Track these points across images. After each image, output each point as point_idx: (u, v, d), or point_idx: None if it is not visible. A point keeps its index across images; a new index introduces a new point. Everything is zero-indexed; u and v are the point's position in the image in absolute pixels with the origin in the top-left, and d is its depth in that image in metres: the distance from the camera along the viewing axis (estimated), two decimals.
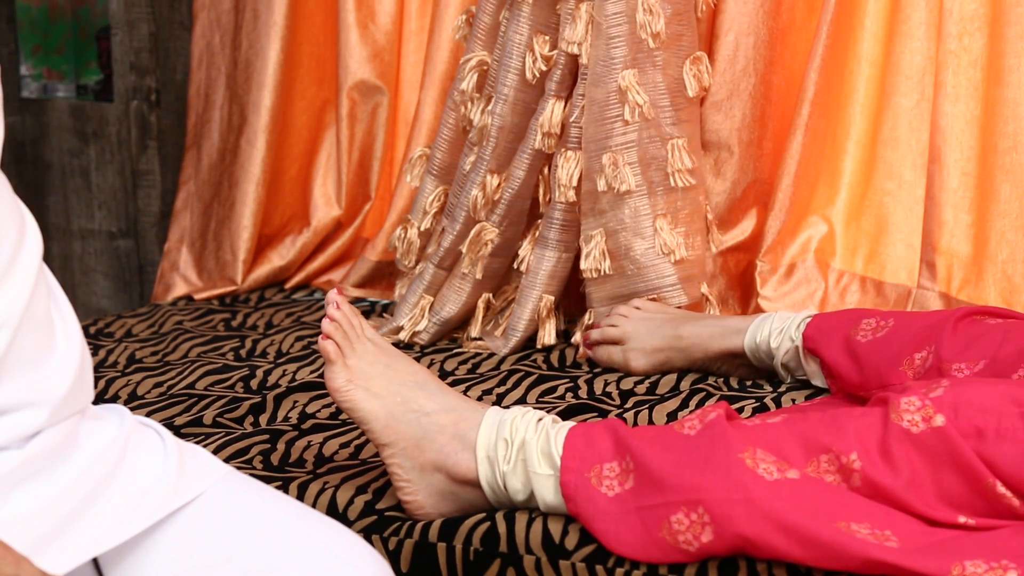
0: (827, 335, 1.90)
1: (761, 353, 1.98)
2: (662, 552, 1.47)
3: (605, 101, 2.12)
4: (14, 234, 1.19)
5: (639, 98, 2.10)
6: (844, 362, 1.86)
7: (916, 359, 1.79)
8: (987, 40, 2.17)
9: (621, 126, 2.12)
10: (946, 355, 1.75)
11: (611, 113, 2.12)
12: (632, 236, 2.14)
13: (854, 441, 1.47)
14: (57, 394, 1.21)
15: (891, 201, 2.26)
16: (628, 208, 2.14)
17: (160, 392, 2.05)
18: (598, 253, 2.14)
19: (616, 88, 2.11)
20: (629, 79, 2.10)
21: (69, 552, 1.20)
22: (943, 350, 1.75)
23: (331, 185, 2.64)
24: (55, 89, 2.85)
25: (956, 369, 1.73)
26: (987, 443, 1.44)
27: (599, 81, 2.11)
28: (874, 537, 1.41)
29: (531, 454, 1.54)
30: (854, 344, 1.85)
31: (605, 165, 2.12)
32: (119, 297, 2.86)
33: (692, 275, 2.17)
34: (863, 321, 1.88)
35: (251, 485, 1.33)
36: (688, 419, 1.53)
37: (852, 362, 1.85)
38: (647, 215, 2.14)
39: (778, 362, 1.96)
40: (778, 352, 1.96)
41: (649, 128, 2.13)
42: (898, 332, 1.83)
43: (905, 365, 1.79)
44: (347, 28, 2.54)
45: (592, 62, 2.11)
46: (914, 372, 1.78)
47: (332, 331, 1.59)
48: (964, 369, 1.73)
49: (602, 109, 2.12)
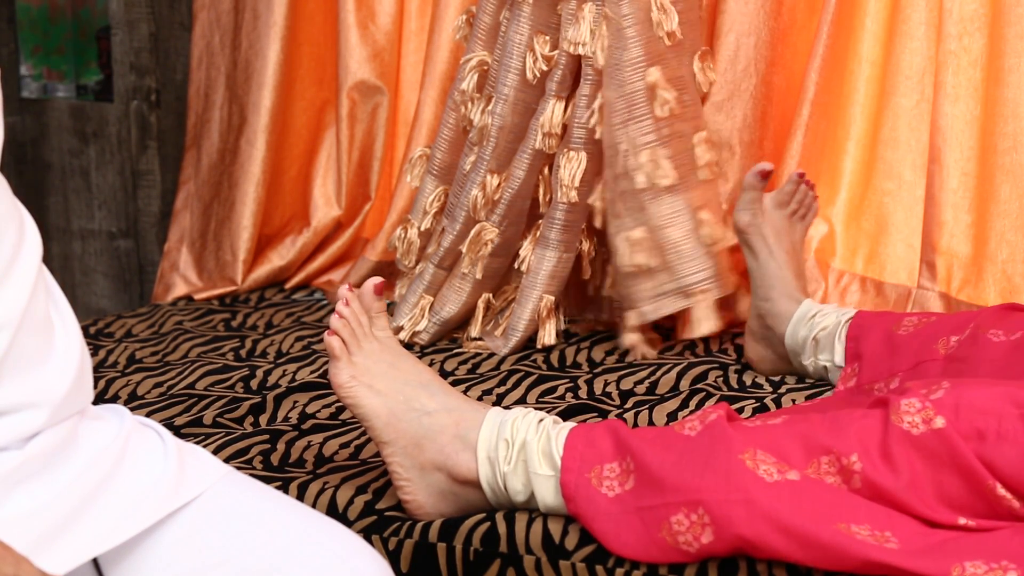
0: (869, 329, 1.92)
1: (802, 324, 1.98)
2: (662, 552, 1.47)
3: (631, 100, 2.12)
4: (13, 236, 1.19)
5: (668, 94, 2.11)
6: (879, 350, 1.88)
7: (952, 340, 1.80)
8: (987, 40, 2.17)
9: (652, 123, 2.12)
10: (984, 324, 1.77)
11: (639, 112, 2.12)
12: (675, 231, 2.15)
13: (855, 442, 1.47)
14: (57, 395, 1.21)
15: (891, 201, 2.26)
16: (665, 204, 2.15)
17: (160, 392, 2.05)
18: (642, 249, 2.15)
19: (643, 86, 2.12)
20: (656, 76, 2.11)
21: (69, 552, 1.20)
22: (982, 322, 1.78)
23: (331, 185, 2.64)
24: (55, 89, 2.85)
25: (992, 334, 1.75)
26: (987, 445, 1.44)
27: (623, 82, 2.11)
28: (874, 538, 1.41)
29: (532, 455, 1.54)
30: (893, 337, 1.87)
31: (644, 163, 2.12)
32: (119, 297, 2.86)
33: (726, 266, 2.19)
34: (905, 319, 1.91)
35: (251, 485, 1.33)
36: (688, 420, 1.53)
37: (887, 350, 1.87)
38: (684, 209, 2.15)
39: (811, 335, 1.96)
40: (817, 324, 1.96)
41: (677, 123, 2.15)
42: (941, 322, 1.86)
43: (940, 344, 1.81)
44: (347, 28, 2.54)
45: (610, 64, 2.11)
46: (947, 350, 1.80)
47: (339, 327, 1.59)
48: (1000, 335, 1.74)
49: (629, 109, 2.12)
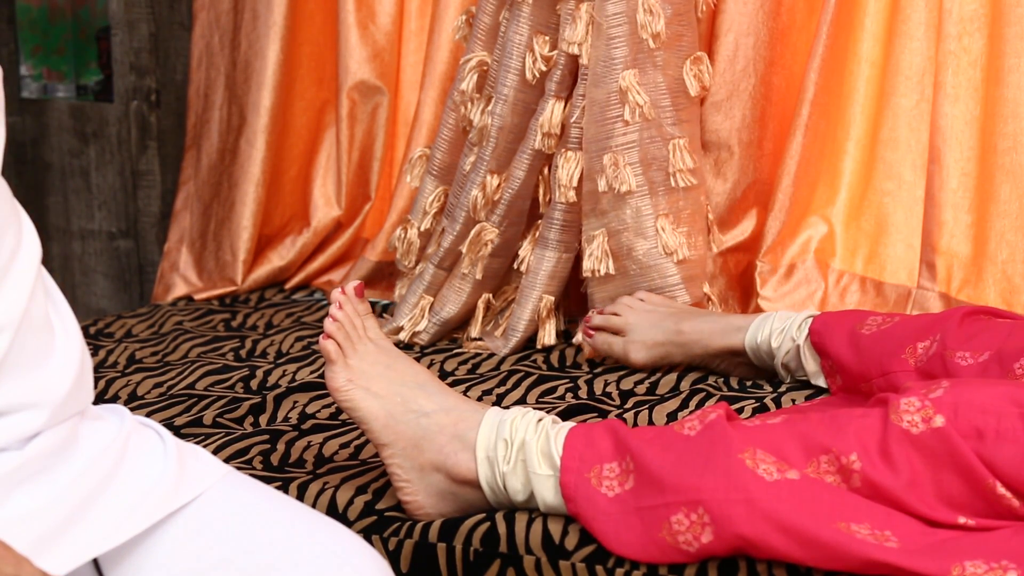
0: (832, 329, 1.90)
1: (762, 352, 1.98)
2: (662, 552, 1.47)
3: (606, 101, 2.12)
4: (12, 238, 1.20)
5: (639, 98, 2.10)
6: (846, 354, 1.86)
7: (919, 348, 1.79)
8: (987, 40, 2.17)
9: (622, 126, 2.12)
10: (951, 343, 1.75)
11: (612, 113, 2.12)
12: (634, 236, 2.14)
13: (854, 442, 1.47)
14: (57, 396, 1.21)
15: (891, 201, 2.26)
16: (630, 208, 2.14)
17: (160, 392, 2.05)
18: (600, 253, 2.14)
19: (617, 88, 2.11)
20: (630, 79, 2.10)
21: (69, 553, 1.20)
22: (948, 339, 1.76)
23: (331, 185, 2.64)
24: (55, 89, 2.85)
25: (960, 357, 1.73)
26: (987, 444, 1.44)
27: (599, 81, 2.11)
28: (874, 538, 1.41)
29: (531, 454, 1.54)
30: (858, 336, 1.86)
31: (606, 165, 2.12)
32: (119, 297, 2.86)
33: (694, 275, 2.17)
34: (868, 318, 1.88)
35: (251, 485, 1.33)
36: (688, 419, 1.53)
37: (854, 353, 1.85)
38: (649, 215, 2.14)
39: (778, 362, 1.97)
40: (779, 352, 1.96)
41: (650, 128, 2.13)
42: (901, 325, 1.84)
43: (907, 353, 1.80)
44: (347, 28, 2.54)
45: (592, 62, 2.11)
46: (916, 360, 1.78)
47: (334, 331, 1.59)
48: (968, 358, 1.73)
49: (603, 109, 2.12)
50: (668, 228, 2.14)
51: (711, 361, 2.04)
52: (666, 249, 2.14)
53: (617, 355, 2.09)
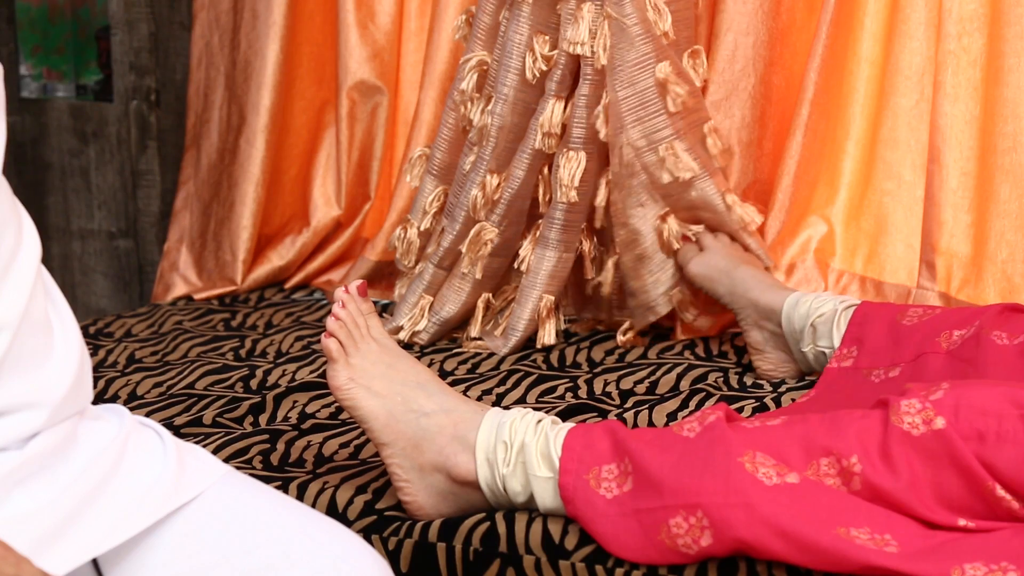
0: (874, 318, 1.93)
1: (797, 314, 2.00)
2: (661, 555, 1.47)
3: (642, 98, 2.12)
4: (12, 237, 1.20)
5: (679, 89, 2.12)
6: (882, 338, 1.89)
7: (955, 335, 1.81)
8: (986, 40, 2.17)
9: (666, 118, 2.13)
10: (987, 325, 1.78)
11: (653, 108, 2.13)
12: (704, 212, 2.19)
13: (854, 444, 1.47)
14: (56, 396, 1.21)
15: (891, 201, 2.26)
16: (695, 191, 2.17)
17: (160, 392, 2.05)
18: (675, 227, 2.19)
19: (653, 83, 2.12)
20: (666, 71, 2.12)
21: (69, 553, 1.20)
22: (985, 323, 1.78)
23: (331, 185, 2.64)
24: (55, 89, 2.85)
25: (996, 336, 1.75)
26: (987, 446, 1.44)
27: (635, 80, 2.12)
28: (873, 542, 1.41)
29: (530, 456, 1.54)
30: (898, 327, 1.88)
31: (664, 157, 2.13)
32: (119, 297, 2.86)
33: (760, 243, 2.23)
34: (910, 310, 1.92)
35: (251, 485, 1.33)
36: (687, 421, 1.52)
37: (891, 338, 1.88)
38: (715, 193, 2.18)
39: (808, 322, 1.98)
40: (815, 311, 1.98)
41: (690, 115, 2.17)
42: (944, 315, 1.87)
43: (942, 338, 1.82)
44: (347, 28, 2.54)
45: (617, 63, 2.11)
46: (949, 344, 1.80)
47: (336, 329, 1.59)
48: (1004, 338, 1.74)
49: (642, 106, 2.13)
50: (737, 201, 2.20)
51: (744, 309, 2.08)
52: (742, 221, 2.19)
53: (684, 259, 2.17)
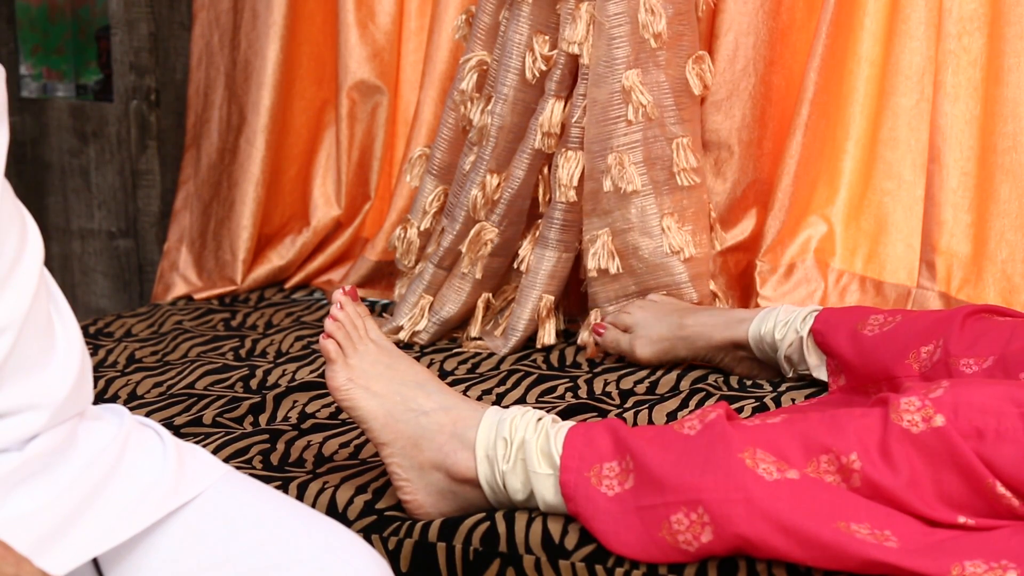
0: (834, 328, 1.90)
1: (765, 344, 1.98)
2: (662, 552, 1.47)
3: (608, 101, 2.12)
4: (15, 239, 1.19)
5: (643, 98, 2.10)
6: (849, 354, 1.87)
7: (923, 352, 1.79)
8: (986, 40, 2.17)
9: (625, 126, 2.12)
10: (954, 350, 1.75)
11: (614, 113, 2.12)
12: (640, 235, 2.14)
13: (854, 441, 1.47)
14: (58, 397, 1.21)
15: (891, 201, 2.26)
16: (635, 208, 2.14)
17: (160, 392, 2.05)
18: (604, 253, 2.15)
19: (619, 88, 2.11)
20: (632, 79, 2.10)
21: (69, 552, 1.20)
22: (951, 345, 1.76)
23: (331, 185, 2.64)
24: (55, 89, 2.85)
25: (964, 364, 1.73)
26: (987, 443, 1.44)
27: (601, 81, 2.11)
28: (873, 537, 1.41)
29: (530, 453, 1.54)
30: (860, 338, 1.86)
31: (611, 165, 2.12)
32: (119, 297, 2.86)
33: (700, 272, 2.18)
34: (870, 317, 1.89)
35: (251, 485, 1.33)
36: (688, 419, 1.53)
37: (857, 354, 1.86)
38: (654, 214, 2.14)
39: (781, 355, 1.96)
40: (782, 344, 1.96)
41: (653, 127, 2.14)
42: (905, 327, 1.84)
43: (911, 358, 1.80)
44: (347, 28, 2.54)
45: (594, 62, 2.11)
46: (920, 365, 1.78)
47: (334, 330, 1.59)
48: (972, 365, 1.73)
49: (605, 109, 2.12)
50: (674, 227, 2.14)
51: (714, 355, 2.04)
52: (672, 248, 2.15)
53: (624, 350, 2.09)
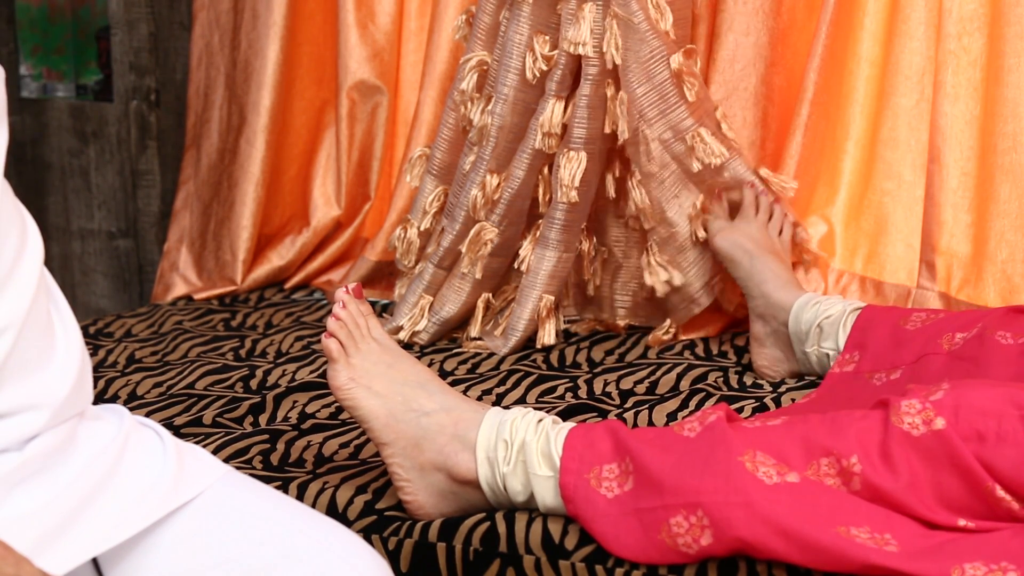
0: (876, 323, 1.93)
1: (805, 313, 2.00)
2: (661, 554, 1.47)
3: (662, 92, 2.13)
4: (15, 239, 1.19)
5: (692, 78, 2.15)
6: (885, 342, 1.89)
7: (957, 336, 1.80)
8: (986, 40, 2.17)
9: (687, 108, 2.14)
10: (992, 326, 1.78)
11: (672, 100, 2.13)
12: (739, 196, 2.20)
13: (854, 444, 1.47)
14: (58, 397, 1.21)
15: (891, 201, 2.26)
16: (728, 173, 2.19)
17: (160, 392, 2.05)
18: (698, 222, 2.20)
19: (668, 76, 2.13)
20: (679, 61, 2.12)
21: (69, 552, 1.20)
22: (989, 324, 1.79)
23: (331, 185, 2.64)
24: (55, 89, 2.85)
25: (1000, 336, 1.75)
26: (987, 446, 1.44)
27: (652, 75, 2.12)
28: (873, 541, 1.41)
29: (531, 455, 1.54)
30: (900, 331, 1.88)
31: (694, 146, 2.14)
32: (119, 297, 2.86)
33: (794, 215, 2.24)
34: (913, 315, 1.92)
35: (250, 485, 1.33)
36: (688, 421, 1.53)
37: (893, 343, 1.88)
38: (747, 171, 2.19)
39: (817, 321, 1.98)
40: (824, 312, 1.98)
41: (704, 104, 2.18)
42: (948, 319, 1.87)
43: (944, 340, 1.81)
44: (347, 28, 2.54)
45: (630, 61, 2.11)
46: (951, 346, 1.80)
47: (336, 329, 1.59)
48: (1008, 337, 1.74)
49: (662, 99, 2.13)
50: (770, 173, 2.21)
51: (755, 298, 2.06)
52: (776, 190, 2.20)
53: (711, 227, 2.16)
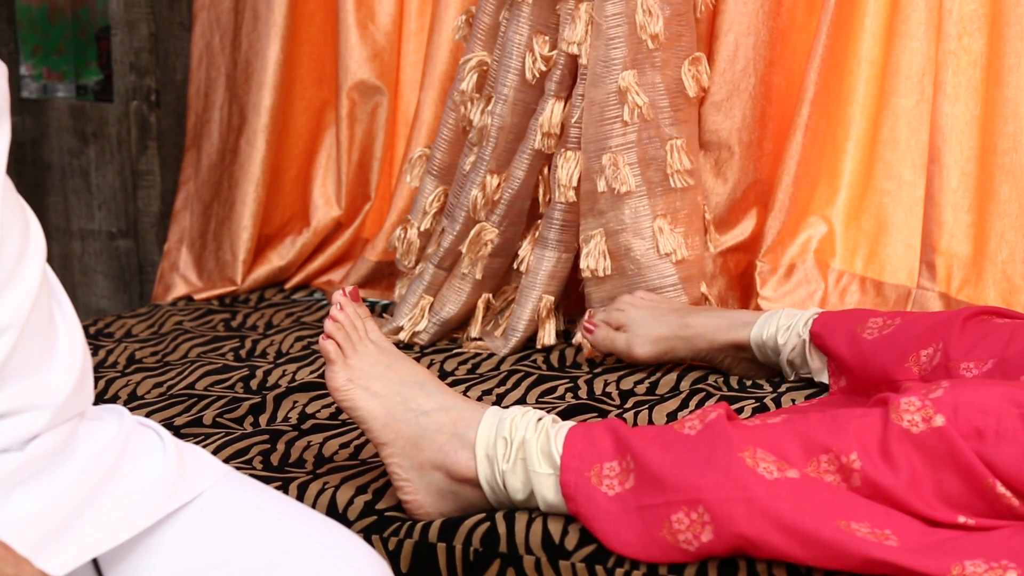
0: (833, 331, 1.90)
1: (767, 348, 1.98)
2: (662, 551, 1.47)
3: (604, 102, 2.12)
4: (18, 238, 1.19)
5: (639, 99, 2.10)
6: (849, 357, 1.86)
7: (922, 356, 1.79)
8: (987, 40, 2.17)
9: (620, 127, 2.12)
10: (954, 354, 1.75)
11: (610, 114, 2.12)
12: (632, 236, 2.14)
13: (854, 441, 1.47)
14: (59, 397, 1.21)
15: (891, 201, 2.26)
16: (628, 208, 2.14)
17: (160, 392, 2.05)
18: (597, 253, 2.14)
19: (616, 89, 2.11)
20: (629, 80, 2.10)
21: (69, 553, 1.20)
22: (951, 348, 1.75)
23: (331, 185, 2.64)
24: (55, 89, 2.85)
25: (964, 368, 1.73)
26: (987, 443, 1.44)
27: (599, 81, 2.11)
28: (874, 536, 1.41)
29: (531, 453, 1.54)
30: (859, 341, 1.86)
31: (605, 166, 2.12)
32: (119, 297, 2.86)
33: (692, 275, 2.17)
34: (869, 320, 1.88)
35: (251, 485, 1.33)
36: (688, 419, 1.53)
37: (857, 358, 1.85)
38: (647, 215, 2.14)
39: (783, 358, 1.96)
40: (784, 348, 1.96)
41: (648, 129, 2.13)
42: (904, 330, 1.83)
43: (911, 362, 1.79)
44: (347, 28, 2.54)
45: (591, 62, 2.11)
46: (920, 368, 1.78)
47: (334, 331, 1.59)
48: (973, 368, 1.73)
49: (601, 110, 2.12)
50: (666, 228, 2.14)
51: (715, 356, 2.03)
52: (663, 249, 2.14)
53: (620, 351, 2.06)
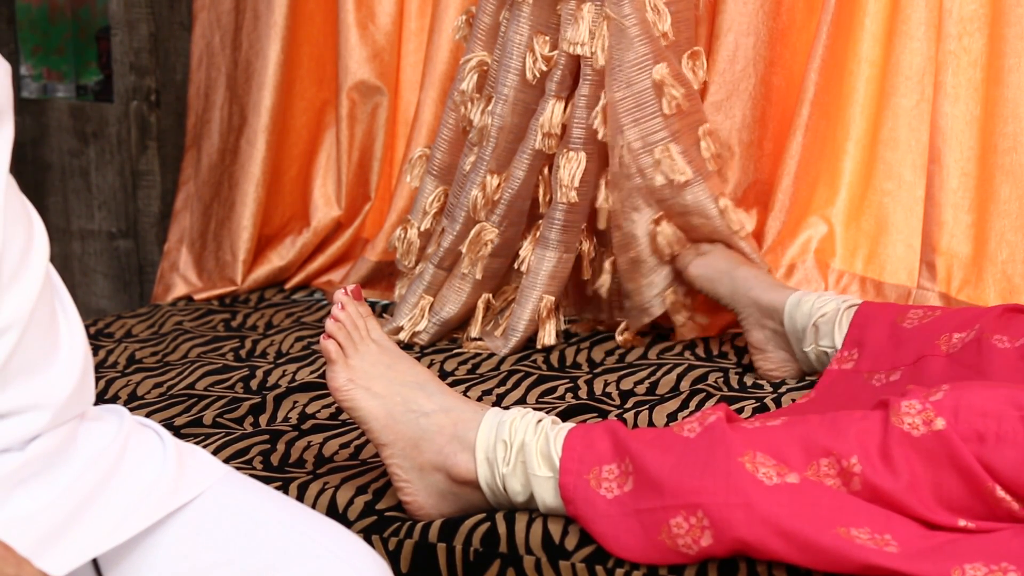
0: (874, 320, 1.92)
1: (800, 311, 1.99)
2: (661, 555, 1.47)
3: (639, 99, 2.12)
4: (22, 237, 1.19)
5: (675, 91, 2.12)
6: (883, 341, 1.88)
7: (955, 338, 1.80)
8: (987, 40, 2.17)
9: (661, 120, 2.13)
10: (988, 329, 1.77)
11: (649, 109, 2.13)
12: (698, 219, 2.18)
13: (854, 444, 1.47)
14: (60, 398, 1.21)
15: (891, 201, 2.26)
16: (690, 195, 2.16)
17: (160, 392, 2.05)
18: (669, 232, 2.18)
19: (650, 85, 2.12)
20: (663, 72, 2.11)
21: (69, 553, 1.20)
22: (985, 328, 1.78)
23: (331, 185, 2.64)
24: (55, 89, 2.85)
25: (997, 340, 1.75)
26: (987, 447, 1.44)
27: (631, 81, 2.11)
28: (873, 542, 1.41)
29: (530, 456, 1.54)
30: (899, 329, 1.87)
31: (660, 160, 2.13)
32: (119, 297, 2.86)
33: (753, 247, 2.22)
34: (910, 312, 1.91)
35: (251, 485, 1.33)
36: (688, 421, 1.53)
37: (892, 342, 1.87)
38: (708, 198, 2.17)
39: (811, 322, 1.97)
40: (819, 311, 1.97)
41: (684, 118, 2.16)
42: (944, 318, 1.86)
43: (942, 341, 1.81)
44: (347, 28, 2.54)
45: (614, 64, 2.11)
46: (948, 347, 1.80)
47: (335, 331, 1.59)
48: (1005, 341, 1.74)
49: (639, 107, 2.12)
50: (730, 205, 2.19)
51: (744, 310, 2.07)
52: (735, 225, 2.19)
53: (683, 261, 2.17)
